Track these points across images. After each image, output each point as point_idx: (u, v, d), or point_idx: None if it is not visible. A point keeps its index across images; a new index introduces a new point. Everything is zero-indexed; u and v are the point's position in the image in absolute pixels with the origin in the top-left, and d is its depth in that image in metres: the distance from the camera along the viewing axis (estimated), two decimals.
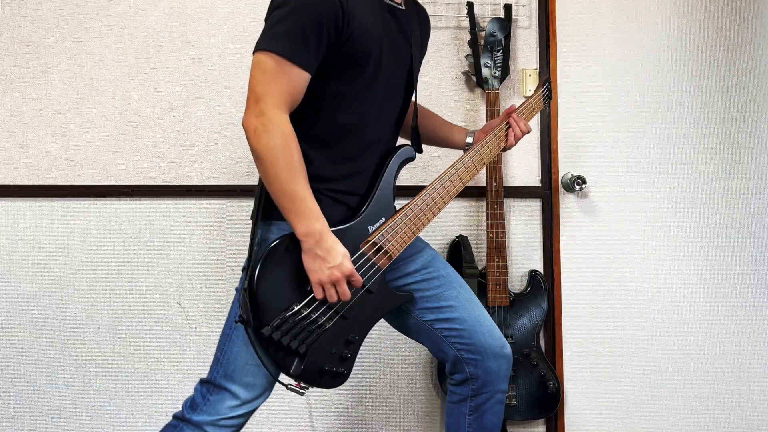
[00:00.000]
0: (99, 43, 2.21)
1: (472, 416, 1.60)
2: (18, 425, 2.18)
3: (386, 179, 1.51)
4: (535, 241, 2.37)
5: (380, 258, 1.46)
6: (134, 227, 2.21)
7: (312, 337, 1.37)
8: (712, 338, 2.43)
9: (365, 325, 1.47)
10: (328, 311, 1.40)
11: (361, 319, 1.45)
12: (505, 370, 1.58)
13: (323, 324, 1.39)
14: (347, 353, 1.43)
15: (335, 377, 1.42)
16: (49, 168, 2.19)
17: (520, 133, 1.68)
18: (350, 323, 1.43)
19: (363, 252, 1.44)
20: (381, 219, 1.48)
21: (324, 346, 1.40)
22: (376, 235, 1.45)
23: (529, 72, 2.35)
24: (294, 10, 1.33)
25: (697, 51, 2.44)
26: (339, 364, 1.43)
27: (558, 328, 2.36)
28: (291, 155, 1.32)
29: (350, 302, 1.41)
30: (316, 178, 1.41)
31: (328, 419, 2.30)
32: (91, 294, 2.20)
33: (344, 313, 1.42)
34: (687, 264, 2.43)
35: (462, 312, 1.56)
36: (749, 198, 2.45)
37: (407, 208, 1.50)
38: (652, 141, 2.42)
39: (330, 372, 1.41)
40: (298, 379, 1.38)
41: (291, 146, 1.32)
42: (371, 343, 2.31)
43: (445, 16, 2.33)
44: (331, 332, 1.40)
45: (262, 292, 1.34)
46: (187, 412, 1.45)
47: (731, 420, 2.44)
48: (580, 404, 2.38)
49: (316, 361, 1.38)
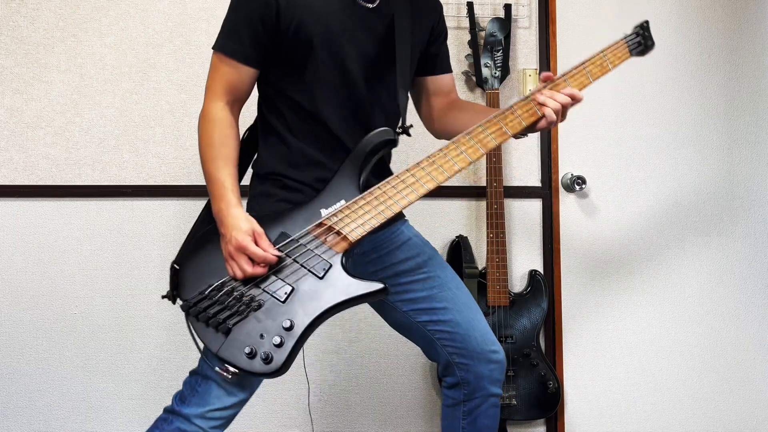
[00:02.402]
0: (99, 43, 2.21)
1: (466, 420, 1.59)
2: (18, 425, 2.18)
3: (350, 162, 1.45)
4: (535, 241, 2.37)
5: (335, 241, 1.37)
6: (134, 227, 2.21)
7: (237, 317, 1.30)
8: (712, 338, 2.43)
9: (308, 312, 1.33)
10: (256, 290, 1.33)
11: (303, 304, 1.33)
12: (497, 375, 1.56)
13: (249, 303, 1.32)
14: (280, 339, 1.30)
15: (266, 363, 1.29)
16: (49, 168, 2.19)
17: (559, 105, 1.43)
18: (288, 308, 1.32)
19: (306, 232, 1.37)
20: (340, 201, 1.41)
21: (252, 328, 1.31)
22: (331, 218, 1.38)
23: (529, 72, 2.35)
24: (232, 8, 1.45)
25: (697, 51, 2.44)
26: (271, 349, 1.30)
27: (558, 328, 2.36)
28: (212, 139, 1.40)
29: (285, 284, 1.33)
30: (297, 166, 1.47)
31: (328, 419, 2.30)
32: (91, 294, 2.20)
33: (277, 294, 1.33)
34: (687, 264, 2.43)
35: (456, 315, 1.54)
36: (749, 198, 2.45)
37: (376, 189, 1.41)
38: (652, 141, 2.42)
39: (255, 356, 1.29)
40: (220, 359, 1.30)
41: (213, 132, 1.41)
42: (371, 343, 2.31)
43: (445, 16, 2.33)
44: (262, 314, 1.32)
45: (186, 269, 1.37)
46: (177, 404, 1.44)
47: (731, 420, 2.44)
48: (580, 404, 2.38)
49: (242, 341, 1.30)
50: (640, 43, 1.59)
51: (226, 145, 1.41)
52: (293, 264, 1.36)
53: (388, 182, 1.41)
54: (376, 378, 2.32)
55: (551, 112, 1.44)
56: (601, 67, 1.52)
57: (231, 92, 1.45)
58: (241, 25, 1.42)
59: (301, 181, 1.47)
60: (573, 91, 1.47)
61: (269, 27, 1.41)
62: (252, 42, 1.42)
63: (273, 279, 1.35)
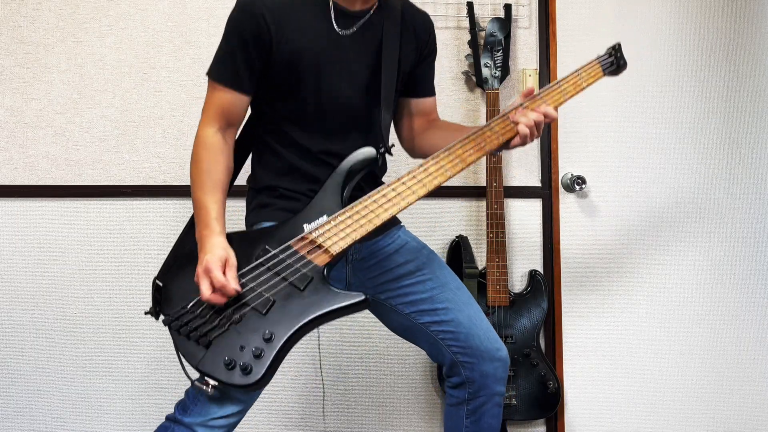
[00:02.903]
0: (99, 43, 2.21)
1: (470, 419, 1.59)
2: (18, 425, 2.18)
3: (332, 179, 1.48)
4: (535, 241, 2.37)
5: (316, 254, 1.39)
6: (134, 227, 2.21)
7: (218, 330, 1.32)
8: (712, 338, 2.43)
9: (289, 324, 1.34)
10: (236, 303, 1.35)
11: (284, 317, 1.34)
12: (502, 373, 1.57)
13: (230, 316, 1.34)
14: (260, 351, 1.31)
15: (244, 374, 1.30)
16: (49, 168, 2.19)
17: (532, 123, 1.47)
18: (268, 320, 1.34)
19: (287, 246, 1.39)
20: (323, 216, 1.44)
21: (232, 340, 1.32)
22: (312, 232, 1.41)
23: (529, 72, 2.35)
24: (226, 36, 1.48)
25: (697, 51, 2.44)
26: (251, 361, 1.30)
27: (558, 328, 2.36)
28: (200, 165, 1.43)
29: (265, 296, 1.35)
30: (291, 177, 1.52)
31: (328, 419, 2.30)
32: (91, 294, 2.20)
33: (257, 306, 1.34)
34: (687, 264, 2.43)
35: (457, 314, 1.55)
36: (749, 198, 2.45)
37: (357, 204, 1.44)
38: (652, 141, 2.42)
39: (234, 367, 1.30)
40: (200, 371, 1.32)
41: (203, 157, 1.44)
42: (371, 343, 2.31)
43: (445, 16, 2.33)
44: (243, 326, 1.33)
45: (169, 285, 1.40)
46: (179, 413, 1.45)
47: (731, 420, 2.44)
48: (580, 404, 2.38)
49: (221, 354, 1.31)
50: (612, 63, 1.65)
51: (215, 171, 1.44)
52: (274, 277, 1.37)
53: (370, 197, 1.44)
54: (377, 378, 2.32)
55: (525, 128, 1.47)
56: (576, 85, 1.59)
57: (224, 118, 1.48)
58: (235, 52, 1.45)
59: (295, 190, 1.52)
60: (547, 110, 1.50)
61: (261, 54, 1.45)
62: (245, 69, 1.46)
63: (254, 292, 1.36)
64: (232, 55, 1.46)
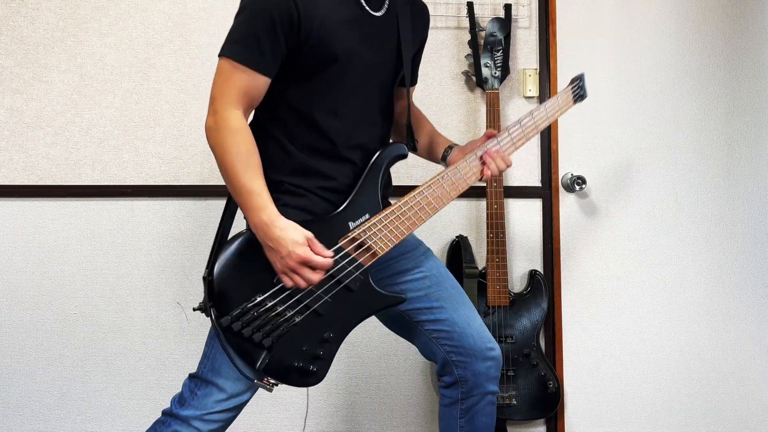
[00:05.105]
0: (99, 43, 2.21)
1: (464, 419, 1.59)
2: (18, 425, 2.18)
3: (371, 175, 1.47)
4: (535, 241, 2.37)
5: (363, 255, 1.42)
6: (134, 227, 2.21)
7: (279, 330, 1.34)
8: (712, 338, 2.43)
9: (343, 324, 1.42)
10: (298, 305, 1.37)
11: (339, 317, 1.41)
12: (494, 373, 1.57)
13: (291, 318, 1.36)
14: (320, 352, 1.38)
15: (305, 375, 1.37)
16: (49, 168, 2.19)
17: (496, 170, 1.55)
18: (325, 321, 1.39)
19: (340, 247, 1.41)
20: (365, 215, 1.44)
21: (294, 341, 1.36)
22: (357, 231, 1.42)
23: (529, 72, 2.35)
24: (249, 15, 1.37)
25: (697, 51, 2.44)
26: (310, 363, 1.38)
27: (558, 328, 2.36)
28: (238, 149, 1.34)
29: (323, 298, 1.38)
30: (299, 174, 1.45)
31: (327, 419, 2.30)
32: (91, 294, 2.20)
33: (317, 308, 1.38)
34: (687, 264, 2.43)
35: (452, 313, 1.56)
36: (749, 198, 2.45)
37: (397, 206, 1.46)
38: (653, 141, 2.42)
39: (299, 369, 1.36)
40: (263, 374, 1.34)
41: (239, 141, 1.35)
42: (371, 343, 2.31)
43: (445, 16, 2.33)
44: (302, 328, 1.37)
45: (224, 281, 1.34)
46: (175, 407, 1.45)
47: (731, 420, 2.44)
48: (580, 404, 2.38)
49: (284, 356, 1.35)
50: (575, 93, 1.69)
51: (253, 154, 1.36)
52: (329, 280, 1.40)
53: (407, 202, 1.48)
54: (376, 378, 2.32)
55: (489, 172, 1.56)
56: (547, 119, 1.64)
57: (247, 100, 1.39)
58: (259, 33, 1.35)
59: (303, 187, 1.46)
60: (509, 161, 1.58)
61: (289, 37, 1.37)
62: (271, 51, 1.37)
63: (311, 293, 1.39)
64: (255, 35, 1.35)
